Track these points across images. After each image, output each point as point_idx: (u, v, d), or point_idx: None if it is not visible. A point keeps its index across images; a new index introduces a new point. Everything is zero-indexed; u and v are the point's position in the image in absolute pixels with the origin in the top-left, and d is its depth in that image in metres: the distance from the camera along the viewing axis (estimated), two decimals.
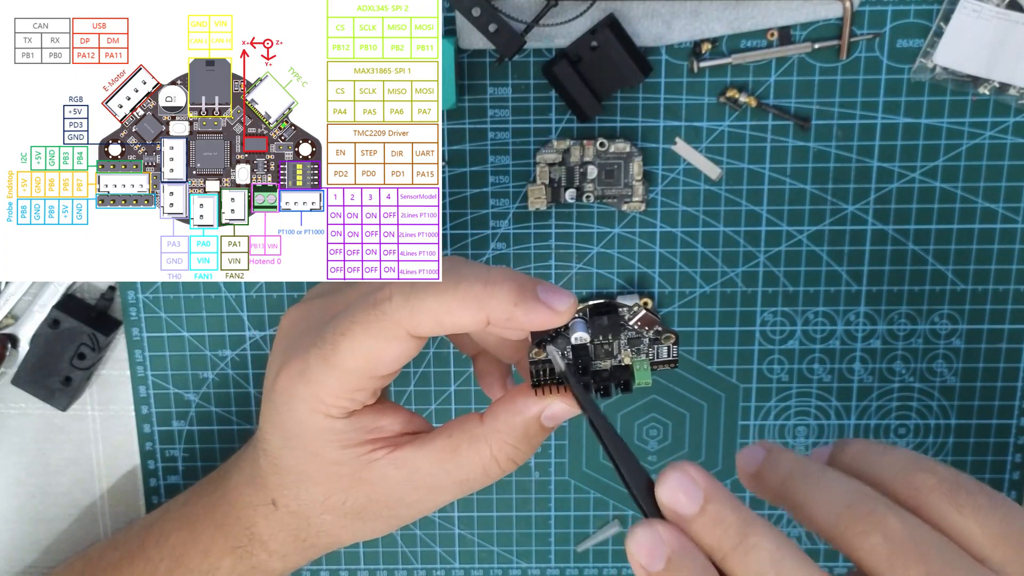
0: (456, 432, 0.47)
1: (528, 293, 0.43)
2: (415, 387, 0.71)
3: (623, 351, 0.47)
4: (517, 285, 0.43)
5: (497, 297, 0.43)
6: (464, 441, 0.47)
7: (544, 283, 0.44)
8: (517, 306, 0.43)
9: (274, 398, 0.48)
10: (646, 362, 0.47)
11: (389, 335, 0.44)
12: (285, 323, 0.50)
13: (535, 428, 0.47)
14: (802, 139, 0.65)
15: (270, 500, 0.52)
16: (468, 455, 0.47)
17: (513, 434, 0.47)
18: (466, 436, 0.47)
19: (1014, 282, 0.68)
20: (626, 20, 0.62)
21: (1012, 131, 0.65)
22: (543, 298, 0.43)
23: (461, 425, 0.48)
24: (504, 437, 0.47)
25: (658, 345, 0.47)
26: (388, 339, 0.44)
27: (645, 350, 0.47)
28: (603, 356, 0.47)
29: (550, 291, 0.43)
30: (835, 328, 0.69)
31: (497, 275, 0.43)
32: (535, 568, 0.75)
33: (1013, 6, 0.61)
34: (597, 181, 0.66)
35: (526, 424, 0.47)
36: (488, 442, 0.47)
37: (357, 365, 0.45)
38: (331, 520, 0.51)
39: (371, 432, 0.48)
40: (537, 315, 0.43)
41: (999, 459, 0.71)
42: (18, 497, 0.74)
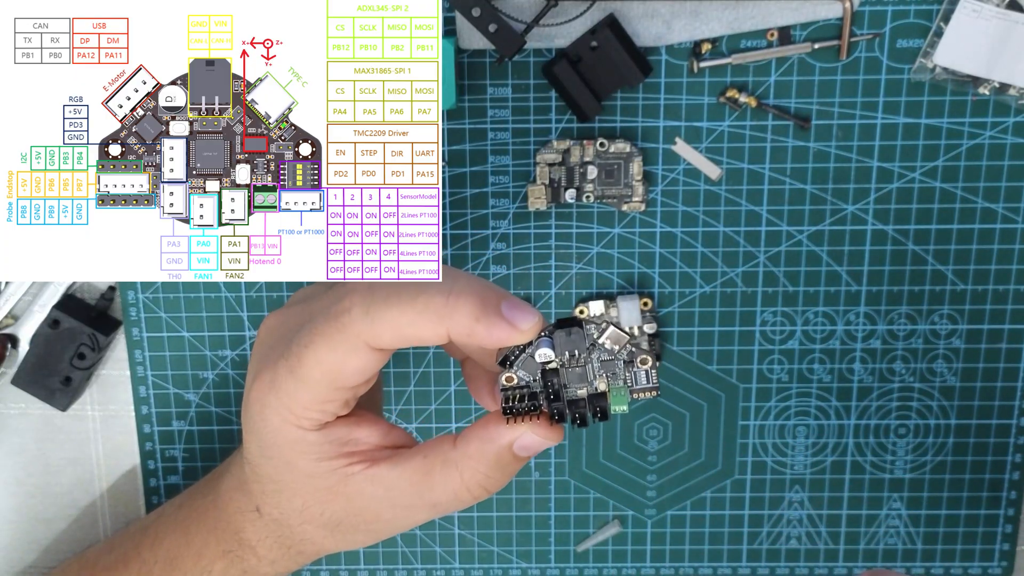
0: (431, 454, 0.46)
1: (491, 308, 0.41)
2: (415, 387, 0.71)
3: (597, 375, 0.44)
4: (480, 299, 0.41)
5: (459, 311, 0.41)
6: (437, 464, 0.46)
7: (510, 298, 0.42)
8: (478, 321, 0.41)
9: (249, 407, 0.47)
10: (624, 388, 0.44)
11: (349, 347, 0.43)
12: (263, 330, 0.49)
13: (507, 457, 0.45)
14: (802, 139, 0.65)
15: (255, 507, 0.52)
16: (440, 479, 0.46)
17: (484, 462, 0.45)
18: (439, 459, 0.46)
19: (1014, 282, 0.68)
20: (626, 20, 0.62)
21: (1012, 131, 0.65)
22: (507, 314, 0.41)
23: (436, 447, 0.46)
24: (475, 465, 0.45)
25: (635, 369, 0.44)
26: (349, 351, 0.43)
27: (621, 374, 0.44)
28: (576, 380, 0.44)
29: (514, 307, 0.42)
30: (835, 328, 0.69)
31: (461, 287, 0.42)
32: (535, 568, 0.75)
33: (1013, 6, 0.61)
34: (597, 181, 0.66)
35: (498, 453, 0.45)
36: (459, 468, 0.45)
37: (321, 377, 0.44)
38: (311, 530, 0.50)
39: (346, 445, 0.47)
40: (499, 332, 0.41)
41: (999, 459, 0.71)
42: (18, 497, 0.74)
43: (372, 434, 0.47)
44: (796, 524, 0.73)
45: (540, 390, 0.44)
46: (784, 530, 0.74)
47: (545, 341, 0.43)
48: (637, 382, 0.44)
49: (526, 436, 0.45)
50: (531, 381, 0.44)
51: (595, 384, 0.44)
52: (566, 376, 0.44)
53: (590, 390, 0.44)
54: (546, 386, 0.44)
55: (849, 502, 0.73)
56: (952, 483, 0.72)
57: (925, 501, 0.73)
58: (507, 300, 0.42)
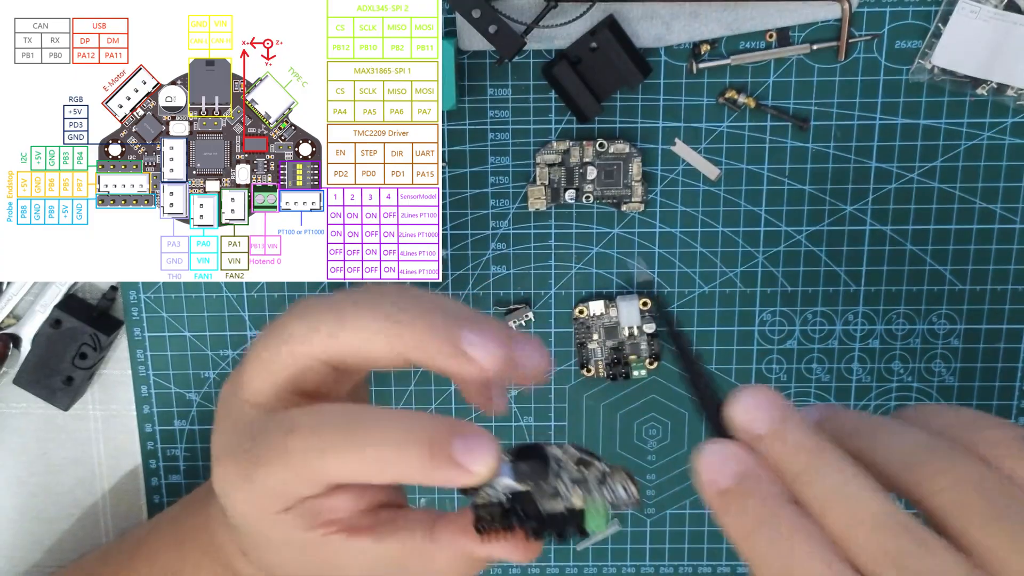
0: (406, 540, 0.44)
1: (440, 456, 0.39)
2: (415, 387, 0.71)
3: (571, 491, 0.41)
4: (427, 450, 0.39)
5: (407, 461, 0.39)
6: (412, 553, 0.44)
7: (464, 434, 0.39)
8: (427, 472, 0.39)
9: (215, 483, 0.45)
10: (601, 504, 0.41)
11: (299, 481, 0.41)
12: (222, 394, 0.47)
13: (481, 564, 0.44)
14: (801, 140, 0.66)
15: (240, 551, 0.51)
16: (415, 567, 0.44)
17: (456, 565, 0.44)
18: (415, 549, 0.44)
19: (1012, 282, 0.68)
20: (625, 21, 0.63)
21: (1010, 132, 0.65)
22: (458, 458, 0.39)
23: (410, 534, 0.44)
24: (447, 564, 0.44)
25: (611, 483, 0.41)
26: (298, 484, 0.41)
27: (595, 491, 0.41)
28: (549, 497, 0.41)
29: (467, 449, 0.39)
30: (833, 328, 0.69)
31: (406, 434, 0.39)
32: (535, 567, 0.75)
33: (1011, 7, 0.61)
34: (597, 182, 0.66)
35: (471, 563, 0.44)
36: (433, 564, 0.44)
37: (274, 494, 0.42)
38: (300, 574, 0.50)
39: (319, 516, 0.44)
40: (451, 478, 0.39)
41: None
42: (20, 497, 0.75)
43: (347, 500, 0.44)
44: None
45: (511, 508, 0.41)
46: None
47: (506, 470, 0.41)
48: (616, 497, 0.41)
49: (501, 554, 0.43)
50: (503, 499, 0.41)
51: (571, 499, 0.41)
52: (537, 494, 0.41)
53: (567, 505, 0.41)
54: (515, 509, 0.41)
55: None
56: None
57: None
58: (460, 438, 0.39)
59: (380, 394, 0.71)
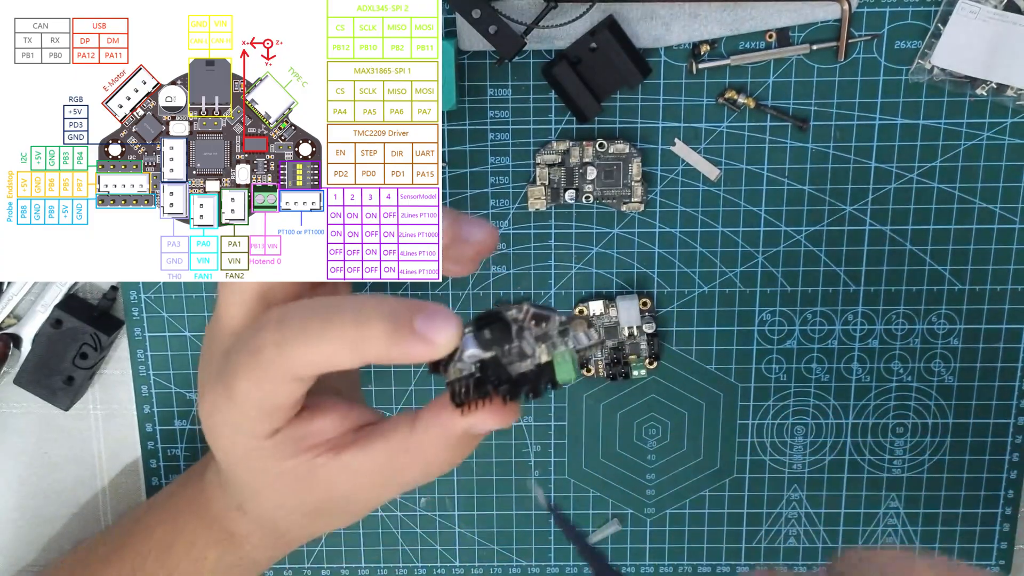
0: (392, 437, 0.45)
1: (403, 330, 0.40)
2: (415, 387, 0.71)
3: (537, 348, 0.42)
4: (390, 324, 0.40)
5: (370, 339, 0.40)
6: (400, 450, 0.45)
7: (425, 310, 0.40)
8: (393, 344, 0.40)
9: (203, 423, 0.47)
10: (568, 352, 0.42)
11: (271, 381, 0.42)
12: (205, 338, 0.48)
13: (465, 439, 0.45)
14: (800, 140, 0.66)
15: (236, 506, 0.52)
16: (404, 464, 0.45)
17: (444, 447, 0.45)
18: (401, 445, 0.45)
19: (1011, 282, 0.68)
20: (625, 22, 0.63)
21: (1009, 132, 0.65)
22: (421, 330, 0.40)
23: (394, 431, 0.45)
24: (435, 450, 0.45)
25: (572, 334, 0.42)
26: (273, 384, 0.42)
27: (558, 342, 0.42)
28: (517, 358, 0.42)
29: (428, 320, 0.40)
30: (833, 328, 0.69)
31: (369, 311, 0.40)
32: (535, 566, 0.75)
33: (1011, 7, 0.61)
34: (596, 182, 0.66)
35: (455, 438, 0.44)
36: (421, 453, 0.45)
37: (254, 404, 0.43)
38: (295, 519, 0.50)
39: (305, 439, 0.46)
40: (415, 351, 0.40)
41: (996, 458, 0.71)
42: (20, 496, 0.75)
43: (330, 422, 0.46)
44: (794, 523, 0.73)
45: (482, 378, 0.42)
46: (782, 529, 0.74)
47: (469, 341, 0.42)
48: (579, 342, 0.43)
49: (481, 424, 0.44)
50: (472, 370, 0.42)
51: (539, 356, 0.42)
52: (505, 358, 0.42)
53: (535, 362, 0.42)
54: (486, 376, 0.42)
55: (847, 501, 0.73)
56: (950, 482, 0.72)
57: (923, 500, 0.73)
58: (422, 313, 0.40)
59: (381, 394, 0.71)
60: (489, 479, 0.73)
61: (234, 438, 0.46)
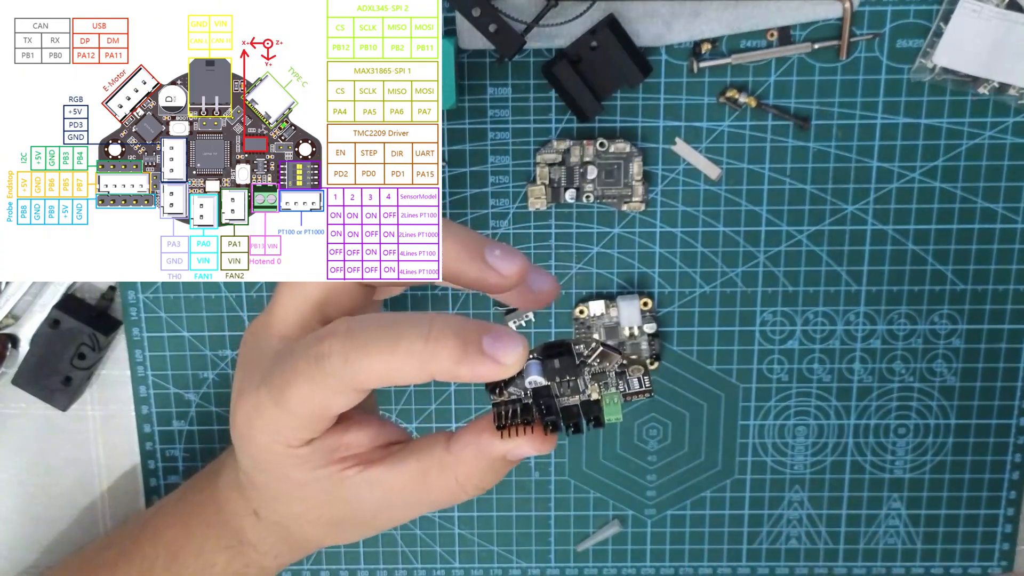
0: (424, 457, 0.46)
1: (472, 348, 0.40)
2: (415, 387, 0.71)
3: (589, 386, 0.43)
4: (460, 342, 0.40)
5: (439, 355, 0.40)
6: (433, 468, 0.45)
7: (493, 330, 0.41)
8: (460, 364, 0.40)
9: (236, 424, 0.47)
10: (617, 395, 0.43)
11: (333, 390, 0.42)
12: (247, 336, 0.49)
13: (500, 464, 0.45)
14: (802, 139, 0.65)
15: (252, 511, 0.52)
16: (436, 482, 0.45)
17: (478, 468, 0.45)
18: (435, 463, 0.45)
19: (1013, 282, 0.68)
20: (626, 20, 0.62)
21: (1012, 131, 0.65)
22: (489, 351, 0.40)
23: (429, 449, 0.46)
24: (470, 471, 0.45)
25: (627, 377, 0.43)
26: (333, 393, 0.42)
27: (613, 383, 0.43)
28: (568, 393, 0.43)
29: (497, 342, 0.40)
30: (835, 328, 0.69)
31: (439, 329, 0.41)
32: (535, 568, 0.75)
33: (1013, 6, 0.61)
34: (597, 181, 0.66)
35: (491, 462, 0.45)
36: (455, 472, 0.45)
37: (305, 412, 0.43)
38: (311, 530, 0.50)
39: (337, 451, 0.46)
40: (482, 370, 0.40)
41: (998, 459, 0.71)
42: (18, 497, 0.75)
43: (364, 436, 0.47)
44: (796, 524, 0.73)
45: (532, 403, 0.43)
46: (784, 530, 0.74)
47: (534, 367, 0.42)
48: (630, 388, 0.44)
49: (520, 449, 0.44)
50: (522, 395, 0.43)
51: (588, 393, 0.43)
52: (557, 390, 0.43)
53: (582, 398, 0.43)
54: (538, 403, 0.43)
55: (849, 502, 0.73)
56: (952, 483, 0.72)
57: (925, 501, 0.73)
58: (488, 334, 0.40)
59: (382, 394, 0.71)
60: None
61: (269, 443, 0.46)
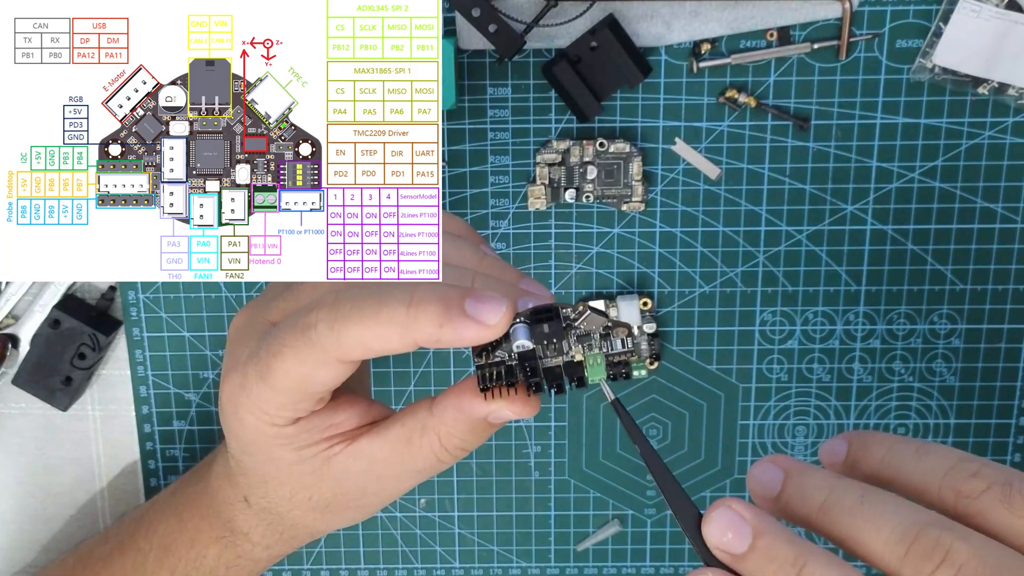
0: (408, 421, 0.46)
1: (454, 311, 0.40)
2: (415, 387, 0.71)
3: (573, 347, 0.43)
4: (442, 306, 0.40)
5: (422, 319, 0.40)
6: (416, 432, 0.46)
7: (476, 293, 0.41)
8: (443, 327, 0.40)
9: (223, 407, 0.47)
10: (600, 355, 0.44)
11: (318, 361, 0.43)
12: (233, 327, 0.49)
13: (483, 425, 0.46)
14: (801, 139, 0.65)
15: (243, 497, 0.53)
16: (420, 445, 0.46)
17: (460, 429, 0.45)
18: (418, 426, 0.46)
19: (1013, 282, 0.68)
20: (626, 20, 0.62)
21: (1011, 131, 0.65)
22: (472, 313, 0.40)
23: (413, 415, 0.46)
24: (452, 431, 0.45)
25: (611, 339, 0.44)
26: (317, 364, 0.43)
27: (597, 344, 0.44)
28: (553, 355, 0.43)
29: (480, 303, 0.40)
30: (834, 328, 0.69)
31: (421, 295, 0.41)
32: (535, 567, 0.75)
33: (1012, 6, 0.61)
34: (597, 181, 0.66)
35: (474, 423, 0.45)
36: (437, 433, 0.46)
37: (291, 386, 0.44)
38: (301, 514, 0.51)
39: (325, 431, 0.47)
40: (466, 333, 0.40)
41: (998, 459, 0.71)
42: (18, 497, 0.75)
43: (351, 416, 0.47)
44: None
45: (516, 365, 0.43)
46: None
47: (522, 331, 0.42)
48: (613, 348, 0.44)
49: (502, 411, 0.45)
50: (507, 357, 0.43)
51: (571, 354, 0.44)
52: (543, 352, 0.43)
53: (566, 359, 0.44)
54: (523, 365, 0.43)
55: None
56: None
57: None
58: (472, 296, 0.41)
59: (381, 394, 0.71)
60: (489, 480, 0.73)
61: (254, 422, 0.46)
